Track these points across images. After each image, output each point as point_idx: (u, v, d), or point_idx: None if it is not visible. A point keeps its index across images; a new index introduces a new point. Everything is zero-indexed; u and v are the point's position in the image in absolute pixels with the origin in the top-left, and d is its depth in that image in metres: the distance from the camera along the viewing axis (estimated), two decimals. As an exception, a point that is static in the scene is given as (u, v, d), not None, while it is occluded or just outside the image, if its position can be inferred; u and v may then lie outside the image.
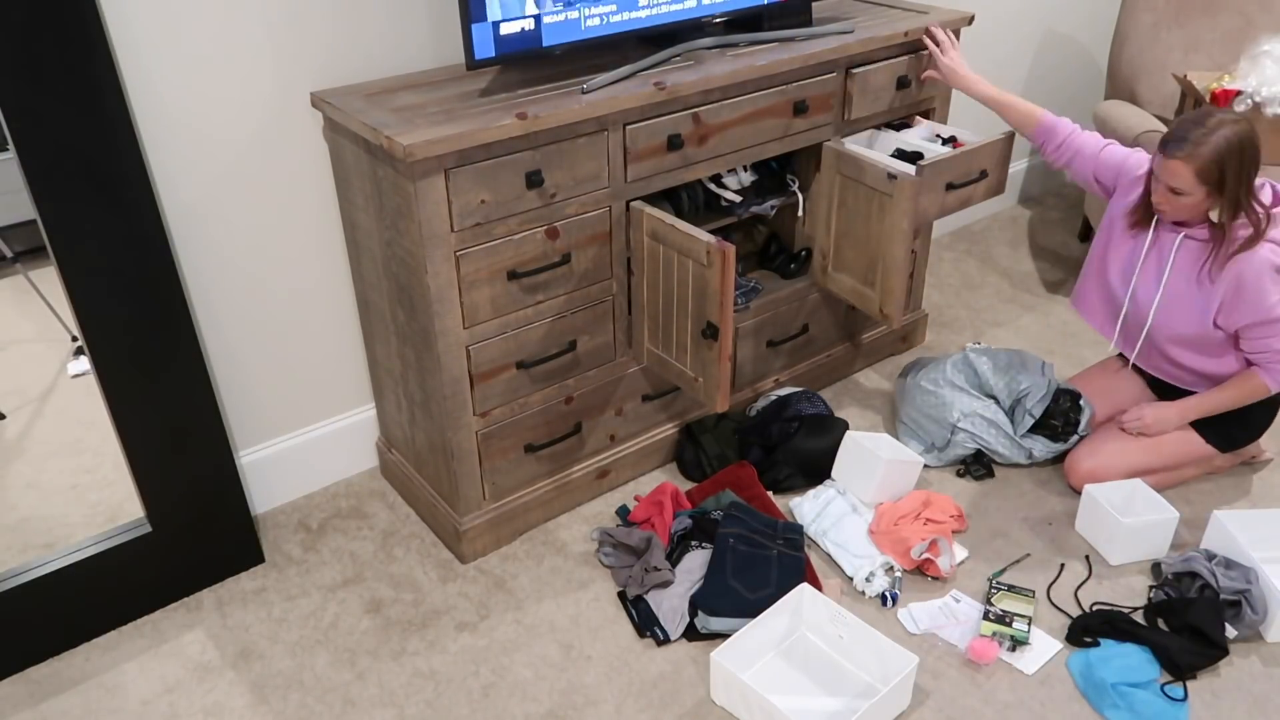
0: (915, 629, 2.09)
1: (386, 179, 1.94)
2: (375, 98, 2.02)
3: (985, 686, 1.98)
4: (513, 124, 1.88)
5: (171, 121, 1.97)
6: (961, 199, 2.47)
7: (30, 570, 1.99)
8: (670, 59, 2.22)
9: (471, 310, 2.02)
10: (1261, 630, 2.06)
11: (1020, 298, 3.33)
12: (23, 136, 1.70)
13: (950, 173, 2.40)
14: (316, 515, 2.45)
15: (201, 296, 2.16)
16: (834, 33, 2.41)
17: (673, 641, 2.07)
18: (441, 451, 2.20)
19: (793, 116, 2.35)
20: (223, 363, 2.25)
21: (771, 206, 2.52)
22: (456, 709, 1.95)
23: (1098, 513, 2.26)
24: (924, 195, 2.33)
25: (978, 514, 2.40)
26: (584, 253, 2.14)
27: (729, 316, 2.05)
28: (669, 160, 2.18)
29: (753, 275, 2.67)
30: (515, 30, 1.98)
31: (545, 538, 2.36)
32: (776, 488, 2.46)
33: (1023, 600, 2.13)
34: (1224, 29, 3.24)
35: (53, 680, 2.02)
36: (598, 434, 2.40)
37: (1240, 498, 2.44)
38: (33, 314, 2.03)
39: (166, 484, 2.09)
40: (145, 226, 1.88)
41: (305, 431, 2.45)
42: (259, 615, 2.17)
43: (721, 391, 2.14)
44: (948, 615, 2.12)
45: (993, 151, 2.47)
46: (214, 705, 1.96)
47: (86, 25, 1.69)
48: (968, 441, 2.51)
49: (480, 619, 2.15)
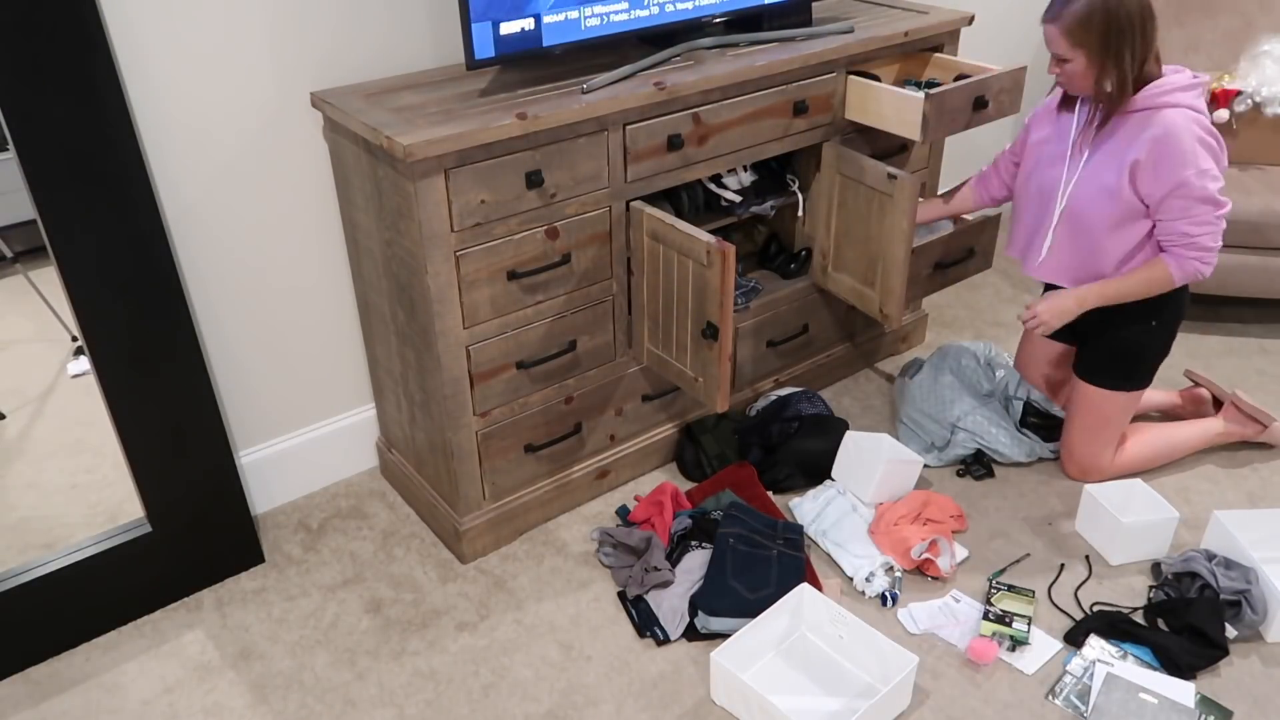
0: (915, 629, 2.09)
1: (386, 179, 1.94)
2: (375, 98, 2.02)
3: (985, 686, 1.98)
4: (513, 124, 1.88)
5: (171, 121, 1.97)
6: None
7: (30, 570, 1.99)
8: (670, 59, 2.22)
9: (471, 310, 2.02)
10: (1261, 630, 2.06)
11: (1020, 298, 3.33)
12: (23, 136, 1.70)
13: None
14: (316, 515, 2.45)
15: (201, 296, 2.16)
16: (834, 33, 2.41)
17: (673, 641, 2.07)
18: (441, 451, 2.20)
19: (793, 116, 2.35)
20: (223, 363, 2.25)
21: (771, 206, 2.52)
22: (456, 709, 1.95)
23: (1098, 513, 2.26)
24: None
25: (978, 514, 2.40)
26: (584, 253, 2.14)
27: (729, 316, 2.05)
28: (669, 160, 2.18)
29: (753, 275, 2.67)
30: (515, 30, 1.98)
31: (545, 538, 2.36)
32: (776, 488, 2.46)
33: (1023, 600, 2.13)
34: (1224, 29, 3.24)
35: (53, 680, 2.02)
36: (598, 434, 2.40)
37: (1240, 498, 2.44)
38: (33, 314, 2.03)
39: (166, 484, 2.09)
40: (145, 226, 1.88)
41: (305, 431, 2.45)
42: (259, 615, 2.17)
43: (721, 391, 2.14)
44: (948, 615, 2.12)
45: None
46: (214, 705, 1.96)
47: (86, 25, 1.69)
48: (968, 441, 2.51)
49: (480, 619, 2.15)
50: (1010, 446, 2.50)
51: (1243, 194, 2.92)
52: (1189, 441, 2.51)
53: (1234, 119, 3.03)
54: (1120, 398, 2.36)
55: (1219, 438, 2.53)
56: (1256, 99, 2.99)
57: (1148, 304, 2.25)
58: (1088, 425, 2.41)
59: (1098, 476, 2.44)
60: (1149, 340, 2.31)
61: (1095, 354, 2.38)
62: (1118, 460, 2.44)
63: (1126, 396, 2.36)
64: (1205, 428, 2.52)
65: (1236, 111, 3.02)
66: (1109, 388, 2.36)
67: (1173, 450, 2.50)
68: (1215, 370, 2.90)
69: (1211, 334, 3.10)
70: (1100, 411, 2.39)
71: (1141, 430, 2.51)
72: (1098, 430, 2.41)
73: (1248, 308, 3.21)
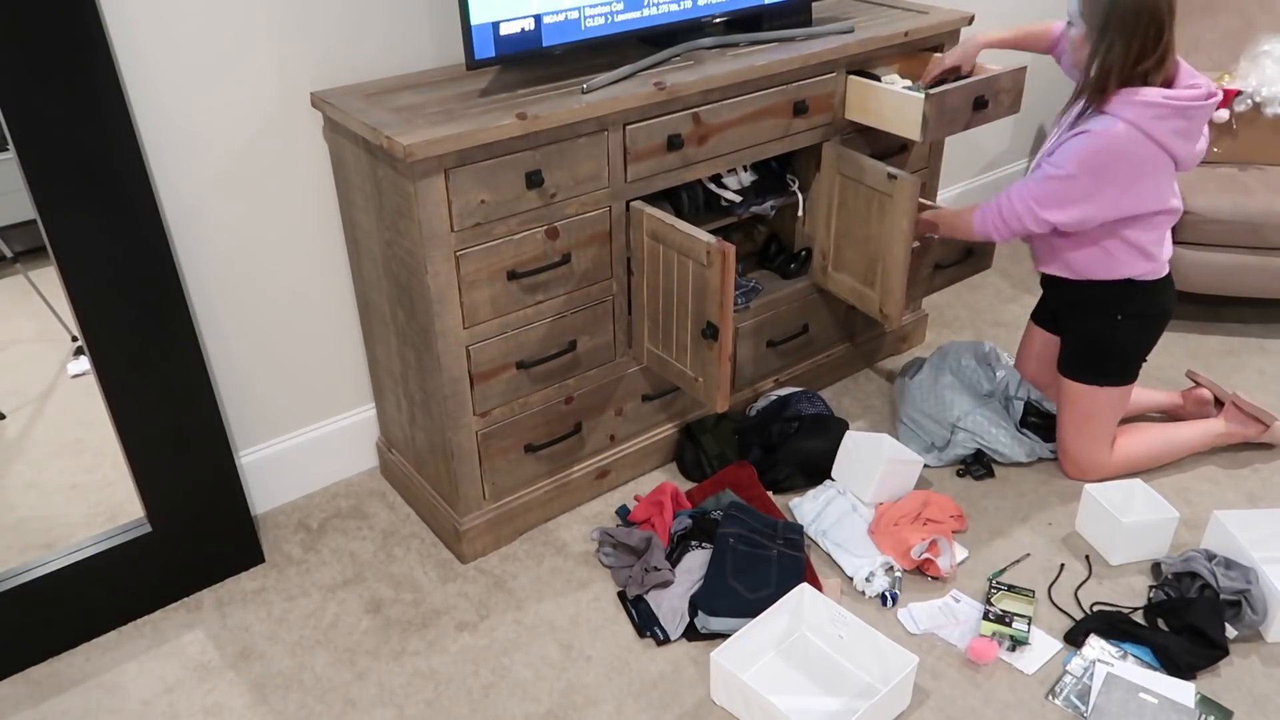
0: (915, 629, 2.09)
1: (386, 179, 1.94)
2: (375, 98, 2.02)
3: (985, 686, 1.98)
4: (513, 124, 1.88)
5: (171, 121, 1.97)
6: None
7: (30, 570, 1.99)
8: (670, 59, 2.22)
9: (471, 310, 2.02)
10: (1261, 630, 2.06)
11: (1020, 298, 3.33)
12: (23, 136, 1.70)
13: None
14: (316, 515, 2.45)
15: (201, 296, 2.16)
16: (834, 33, 2.41)
17: (673, 641, 2.07)
18: (441, 451, 2.20)
19: (793, 116, 2.35)
20: (223, 363, 2.25)
21: (771, 206, 2.52)
22: (456, 709, 1.95)
23: (1098, 513, 2.26)
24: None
25: (978, 514, 2.40)
26: (584, 253, 2.14)
27: (729, 316, 2.05)
28: (669, 160, 2.18)
29: (753, 275, 2.67)
30: (515, 30, 1.99)
31: (545, 538, 2.36)
32: (776, 488, 2.46)
33: (1023, 600, 2.13)
34: (1224, 29, 3.24)
35: (53, 680, 2.02)
36: (598, 434, 2.40)
37: (1240, 498, 2.44)
38: (33, 314, 2.03)
39: (166, 484, 2.09)
40: (145, 226, 1.88)
41: (305, 431, 2.45)
42: (259, 615, 2.17)
43: (721, 391, 2.14)
44: (948, 615, 2.12)
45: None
46: (214, 705, 1.96)
47: (86, 25, 1.69)
48: (968, 441, 2.51)
49: (480, 619, 2.15)
50: (1010, 446, 2.50)
51: (1243, 194, 2.92)
52: (1190, 442, 2.51)
53: (1234, 119, 3.03)
54: (1100, 393, 2.37)
55: (1220, 438, 2.53)
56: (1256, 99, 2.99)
57: (1107, 299, 2.29)
58: (1074, 421, 2.42)
59: (1096, 475, 2.44)
60: (1118, 336, 2.32)
61: (1070, 349, 2.41)
62: (1117, 459, 2.44)
63: (1106, 392, 2.37)
64: (1206, 428, 2.52)
65: (1236, 111, 3.02)
66: (1086, 382, 2.37)
67: (1173, 450, 2.50)
68: (1215, 370, 2.90)
69: (1211, 334, 3.10)
70: (1082, 407, 2.39)
71: (1142, 430, 2.51)
72: (1083, 426, 2.41)
73: (1248, 308, 3.21)
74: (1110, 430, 2.43)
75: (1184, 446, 2.51)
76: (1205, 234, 2.91)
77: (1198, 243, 2.94)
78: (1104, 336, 2.33)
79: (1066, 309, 2.41)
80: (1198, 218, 2.88)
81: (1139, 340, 2.34)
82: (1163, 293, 2.30)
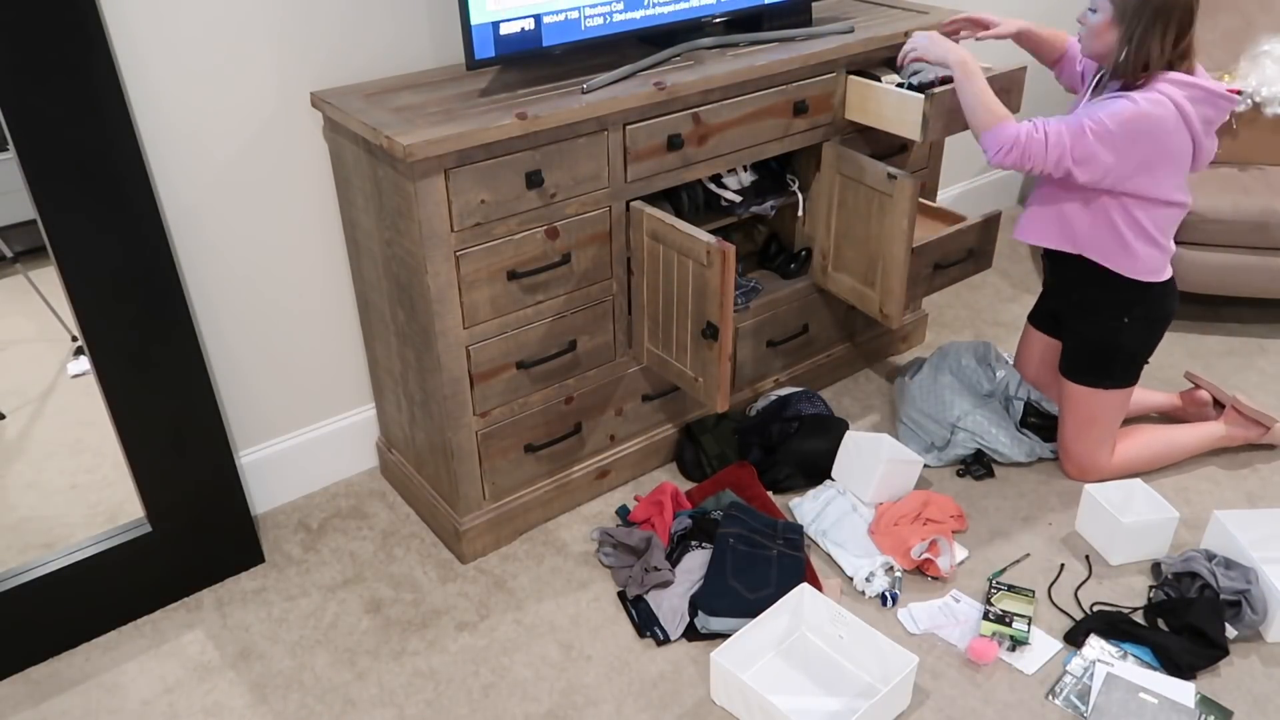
0: (915, 629, 2.09)
1: (386, 179, 1.94)
2: (375, 98, 2.02)
3: (985, 686, 1.98)
4: (513, 124, 1.88)
5: (171, 121, 1.97)
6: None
7: (30, 570, 1.99)
8: (670, 59, 2.22)
9: (471, 310, 2.02)
10: (1261, 630, 2.06)
11: (1020, 298, 3.33)
12: (23, 136, 1.70)
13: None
14: (316, 515, 2.45)
15: (201, 296, 2.16)
16: (834, 33, 2.41)
17: (673, 641, 2.07)
18: (441, 451, 2.20)
19: (793, 116, 2.35)
20: (223, 363, 2.25)
21: (771, 206, 2.51)
22: (456, 709, 1.95)
23: (1098, 513, 2.26)
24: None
25: (978, 514, 2.40)
26: (584, 253, 2.14)
27: (729, 316, 2.05)
28: (669, 160, 2.18)
29: (753, 275, 2.67)
30: (515, 30, 1.99)
31: (545, 538, 2.36)
32: (776, 488, 2.46)
33: (1022, 600, 2.13)
34: (1224, 29, 3.24)
35: (53, 680, 2.02)
36: (598, 434, 2.40)
37: (1240, 498, 2.44)
38: (33, 314, 2.03)
39: (166, 484, 2.09)
40: (145, 226, 1.88)
41: (305, 431, 2.45)
42: (259, 615, 2.17)
43: (721, 391, 2.14)
44: (948, 615, 2.12)
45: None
46: (214, 705, 1.96)
47: (86, 25, 1.69)
48: (968, 441, 2.51)
49: (480, 619, 2.15)
50: (1010, 446, 2.50)
51: (1243, 194, 2.92)
52: (1190, 445, 2.51)
53: (1234, 119, 3.03)
54: (1102, 395, 2.36)
55: (1220, 441, 2.53)
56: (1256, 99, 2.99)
57: (1117, 302, 2.28)
58: (1076, 423, 2.42)
59: (1096, 476, 2.44)
60: (1123, 338, 2.31)
61: (1073, 351, 2.40)
62: (1117, 461, 2.44)
63: (1109, 394, 2.36)
64: (1207, 431, 2.52)
65: (1236, 111, 3.02)
66: (1089, 385, 2.37)
67: (1174, 453, 2.50)
68: (1215, 370, 2.90)
69: (1211, 334, 3.10)
70: (1085, 409, 2.39)
71: (1143, 433, 2.51)
72: (1085, 428, 2.41)
73: (1248, 308, 3.21)
74: (1112, 432, 2.42)
75: (1185, 450, 2.51)
76: (1205, 234, 2.91)
77: (1198, 243, 2.94)
78: (1109, 339, 2.32)
79: (1071, 311, 2.40)
80: (1198, 218, 2.88)
81: (1143, 343, 2.34)
82: (1169, 295, 2.30)
